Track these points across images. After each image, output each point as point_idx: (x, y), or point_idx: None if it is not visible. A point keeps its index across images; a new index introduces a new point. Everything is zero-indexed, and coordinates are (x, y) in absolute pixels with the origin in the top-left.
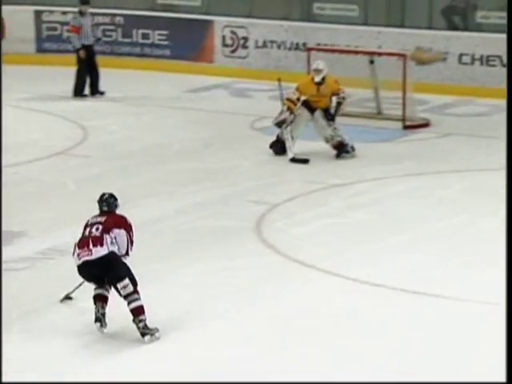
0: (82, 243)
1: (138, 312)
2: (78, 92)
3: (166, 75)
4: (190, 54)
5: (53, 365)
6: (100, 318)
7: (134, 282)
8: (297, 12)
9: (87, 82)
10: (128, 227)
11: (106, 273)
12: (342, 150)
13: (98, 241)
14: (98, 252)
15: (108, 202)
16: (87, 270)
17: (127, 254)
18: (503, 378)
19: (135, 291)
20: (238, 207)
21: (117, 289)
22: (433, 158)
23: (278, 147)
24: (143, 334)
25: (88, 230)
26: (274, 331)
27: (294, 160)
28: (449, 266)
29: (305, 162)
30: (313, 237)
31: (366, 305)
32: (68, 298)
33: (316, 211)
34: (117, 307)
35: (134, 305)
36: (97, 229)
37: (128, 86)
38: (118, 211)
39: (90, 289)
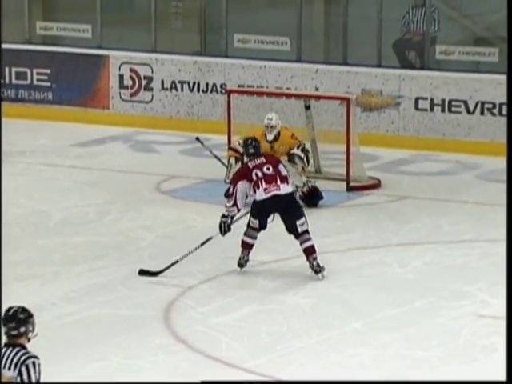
0: (269, 179)
1: (311, 250)
2: None
3: (48, 125)
4: (78, 98)
5: None
6: (242, 264)
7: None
8: (213, 45)
9: None
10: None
11: (287, 209)
12: (316, 196)
13: (285, 179)
14: (286, 189)
15: (254, 146)
16: (274, 204)
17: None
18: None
19: (308, 231)
20: (142, 291)
21: (292, 228)
22: (385, 228)
23: None
24: (316, 272)
25: (259, 171)
26: None
27: None
28: (409, 364)
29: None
30: (235, 328)
31: None
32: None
33: (239, 295)
34: None
35: (307, 244)
36: (268, 168)
37: None
38: None
39: None
